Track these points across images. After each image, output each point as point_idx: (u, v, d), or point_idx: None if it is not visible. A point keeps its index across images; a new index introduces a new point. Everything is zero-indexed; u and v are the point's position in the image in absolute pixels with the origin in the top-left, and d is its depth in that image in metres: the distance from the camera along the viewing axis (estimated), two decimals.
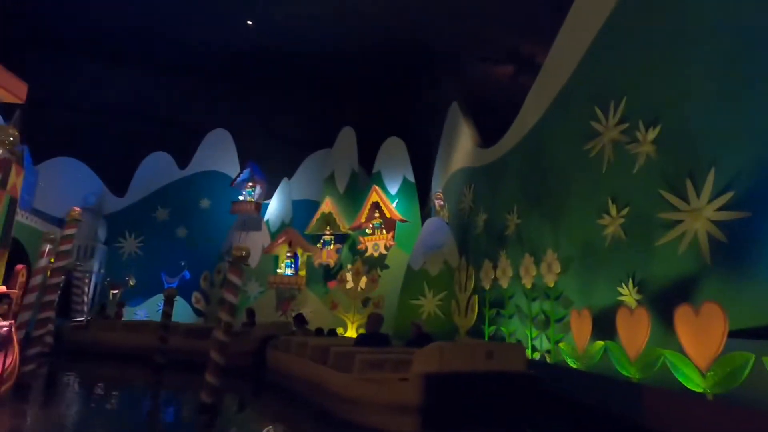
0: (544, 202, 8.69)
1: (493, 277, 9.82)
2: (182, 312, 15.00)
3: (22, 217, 12.73)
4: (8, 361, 5.15)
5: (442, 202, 12.89)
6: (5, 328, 5.08)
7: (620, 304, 6.08)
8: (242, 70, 18.69)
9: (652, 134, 6.11)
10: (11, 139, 3.77)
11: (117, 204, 17.03)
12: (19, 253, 11.75)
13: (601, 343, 6.34)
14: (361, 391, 4.98)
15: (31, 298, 8.27)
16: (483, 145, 11.92)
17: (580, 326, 6.72)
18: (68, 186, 16.37)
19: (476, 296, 10.38)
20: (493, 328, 9.70)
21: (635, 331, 5.41)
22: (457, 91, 14.13)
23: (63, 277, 6.84)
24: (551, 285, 7.94)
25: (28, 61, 16.79)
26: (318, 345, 6.41)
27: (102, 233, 16.07)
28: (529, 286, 8.59)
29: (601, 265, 6.98)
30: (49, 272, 6.92)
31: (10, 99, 6.56)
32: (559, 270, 7.82)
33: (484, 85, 14.34)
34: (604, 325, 6.34)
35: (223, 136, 18.33)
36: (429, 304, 11.80)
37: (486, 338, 9.75)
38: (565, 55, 8.38)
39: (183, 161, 17.92)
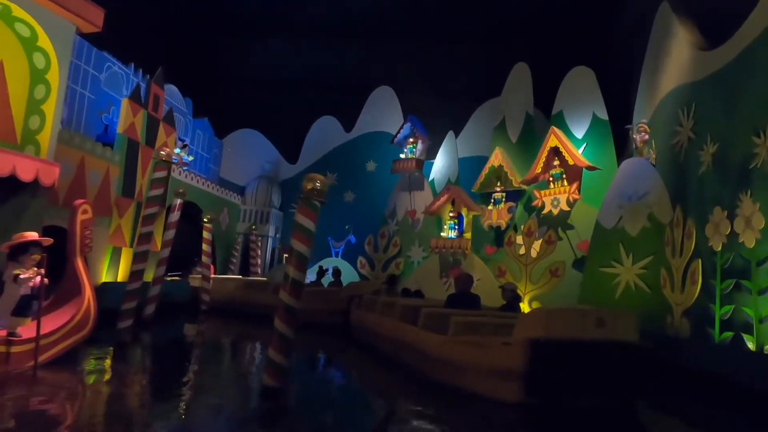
0: None
1: (728, 231, 6.52)
2: (350, 277, 14.54)
3: (200, 183, 13.47)
4: (62, 318, 4.57)
5: (646, 136, 9.49)
6: (38, 278, 4.42)
7: None
8: (401, 22, 17.32)
9: None
10: None
11: (290, 171, 17.41)
12: (197, 218, 12.26)
13: None
14: (459, 353, 4.84)
15: (164, 253, 8.21)
16: (708, 46, 8.25)
17: None
18: (249, 156, 17.27)
19: (699, 261, 7.13)
20: (728, 308, 6.44)
21: None
22: None
23: (152, 225, 6.28)
24: None
25: (206, 45, 18.14)
26: (407, 305, 6.23)
27: (276, 199, 16.53)
28: None
29: None
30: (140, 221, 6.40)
31: (87, 28, 6.14)
32: None
33: None
34: None
35: (387, 94, 17.27)
36: (627, 273, 8.82)
37: (717, 323, 6.55)
38: None
39: (348, 124, 17.45)
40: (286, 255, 15.73)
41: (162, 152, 6.07)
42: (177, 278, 10.40)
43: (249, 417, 3.75)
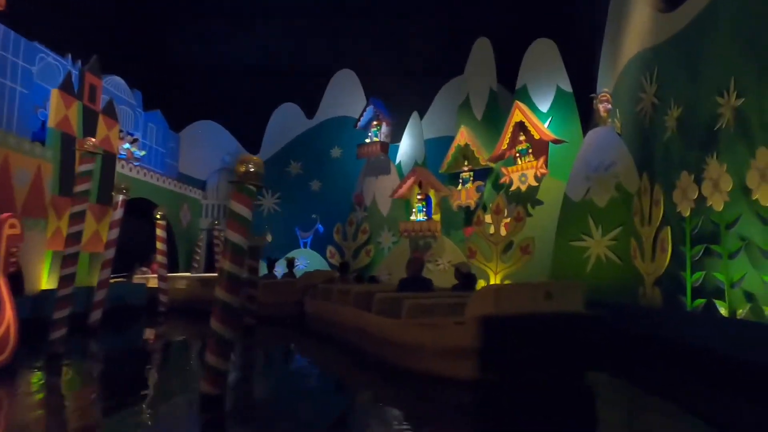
0: None
1: (696, 196, 6.33)
2: (320, 267, 14.14)
3: (154, 179, 12.81)
4: None
5: (608, 105, 9.28)
6: None
7: None
8: (359, 2, 16.74)
9: None
10: None
11: None
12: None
13: None
14: (413, 336, 4.85)
15: (109, 254, 7.65)
16: (668, 7, 8.03)
17: None
18: (208, 149, 16.55)
19: (668, 228, 6.95)
20: (699, 275, 6.27)
21: None
22: None
23: (82, 224, 5.75)
24: None
25: (155, 33, 17.24)
26: (361, 291, 6.28)
27: None
28: (767, 201, 5.06)
29: None
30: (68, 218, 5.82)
31: None
32: None
33: None
34: None
35: (348, 77, 16.71)
36: (597, 245, 8.64)
37: (689, 290, 6.39)
38: None
39: (310, 110, 16.87)
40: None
41: (87, 143, 5.51)
42: (121, 280, 9.82)
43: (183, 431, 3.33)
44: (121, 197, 7.29)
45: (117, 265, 11.34)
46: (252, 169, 3.74)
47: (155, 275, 10.08)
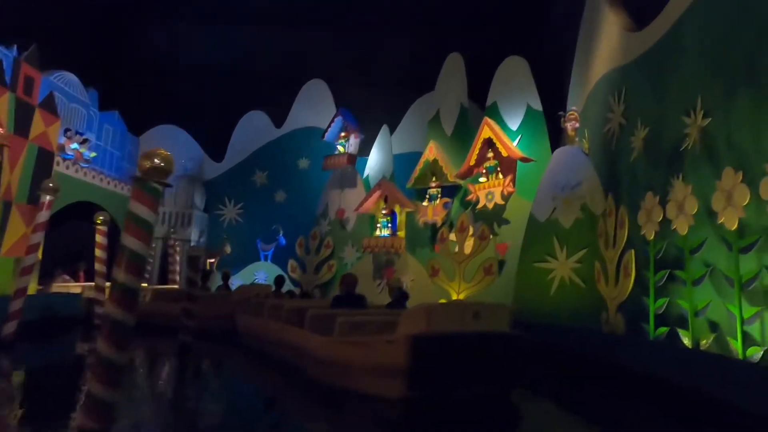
0: (761, 76, 4.76)
1: (660, 218, 6.04)
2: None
3: (105, 182, 12.11)
4: None
5: (576, 124, 9.06)
6: None
7: None
8: (334, 11, 16.47)
9: None
10: None
11: (216, 169, 16.13)
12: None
13: None
14: (344, 353, 4.83)
15: (30, 260, 6.98)
16: (636, 27, 7.88)
17: None
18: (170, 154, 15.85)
19: (632, 252, 6.65)
20: (662, 302, 5.95)
21: None
22: None
23: None
24: None
25: (118, 30, 16.61)
26: (293, 307, 6.19)
27: (200, 200, 15.26)
28: (733, 226, 4.76)
29: None
30: None
31: None
32: None
33: None
34: None
35: (319, 87, 16.33)
36: (561, 268, 8.31)
37: (652, 318, 6.05)
38: None
39: (279, 119, 16.38)
40: (211, 261, 14.54)
41: None
42: (40, 288, 9.05)
43: None
44: (48, 198, 6.66)
45: (54, 273, 10.61)
46: (159, 165, 3.24)
47: (80, 284, 9.32)
